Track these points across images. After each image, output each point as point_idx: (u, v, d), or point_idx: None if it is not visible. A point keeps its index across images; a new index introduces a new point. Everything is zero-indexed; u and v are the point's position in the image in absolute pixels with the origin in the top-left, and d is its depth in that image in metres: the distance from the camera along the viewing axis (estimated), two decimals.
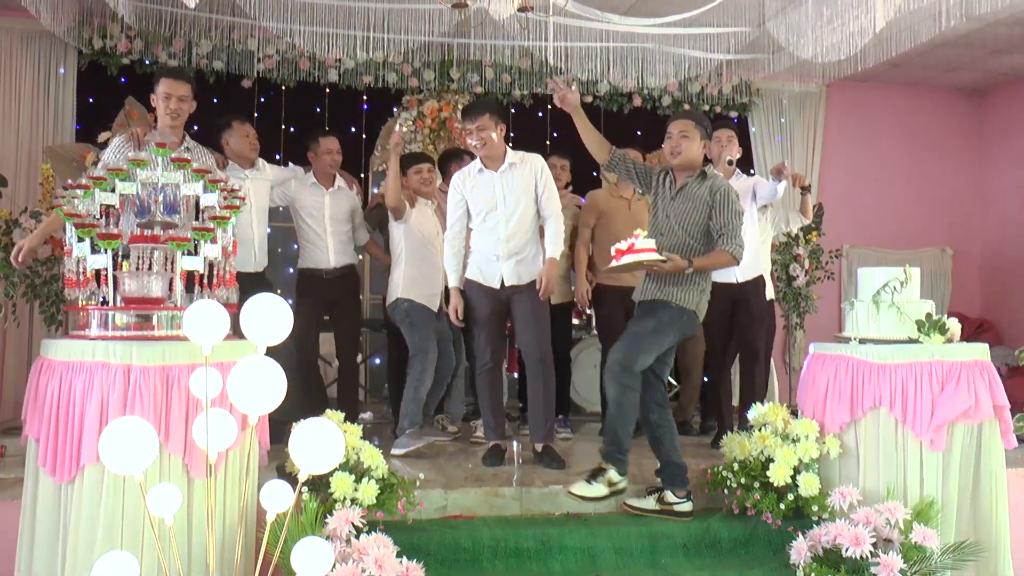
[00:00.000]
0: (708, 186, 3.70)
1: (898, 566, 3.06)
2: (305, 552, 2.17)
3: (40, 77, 6.29)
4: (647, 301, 3.72)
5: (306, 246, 4.91)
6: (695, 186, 3.72)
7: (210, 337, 2.23)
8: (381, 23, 5.71)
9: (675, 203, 3.74)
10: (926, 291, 4.01)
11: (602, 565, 3.37)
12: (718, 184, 3.72)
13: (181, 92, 4.00)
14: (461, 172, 4.40)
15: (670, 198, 3.77)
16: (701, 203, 3.68)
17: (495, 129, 4.21)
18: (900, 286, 3.63)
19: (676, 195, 3.74)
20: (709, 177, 3.75)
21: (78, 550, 2.63)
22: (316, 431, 2.19)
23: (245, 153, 4.65)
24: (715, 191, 3.68)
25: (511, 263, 4.24)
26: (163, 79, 4.02)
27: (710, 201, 3.67)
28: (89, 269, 2.95)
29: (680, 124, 3.77)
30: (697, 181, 3.73)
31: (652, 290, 3.70)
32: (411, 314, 4.70)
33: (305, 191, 4.89)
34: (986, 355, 3.60)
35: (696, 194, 3.70)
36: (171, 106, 3.97)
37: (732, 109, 7.47)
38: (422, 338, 4.65)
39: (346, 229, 4.96)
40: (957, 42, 6.83)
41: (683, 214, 3.70)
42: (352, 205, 5.03)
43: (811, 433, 3.60)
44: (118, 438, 2.10)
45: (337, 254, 4.89)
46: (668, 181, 3.83)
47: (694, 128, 3.74)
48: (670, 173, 3.83)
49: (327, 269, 4.87)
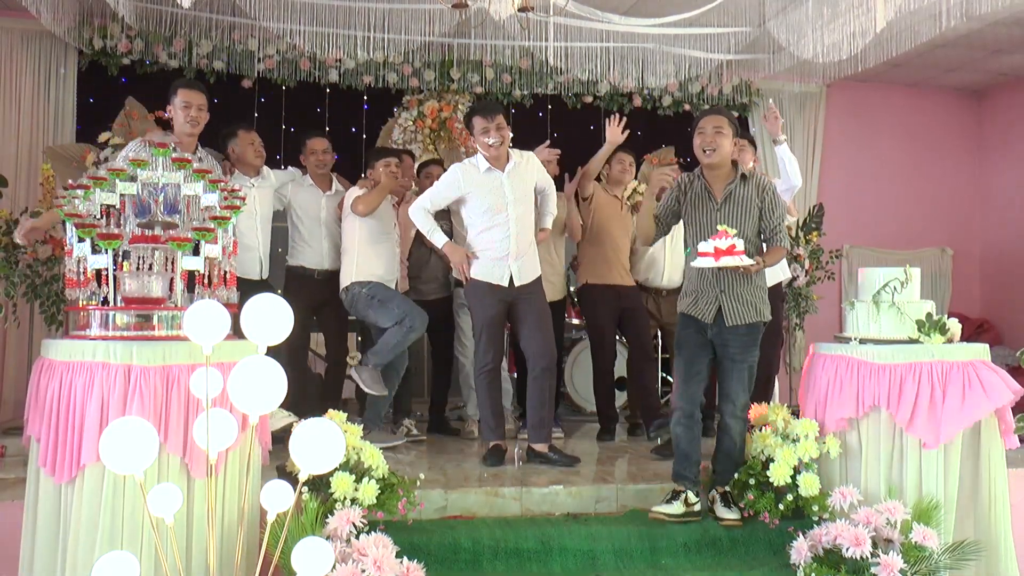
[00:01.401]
0: (755, 187, 3.65)
1: (898, 566, 3.06)
2: (305, 552, 2.17)
3: (40, 77, 6.29)
4: (746, 326, 3.63)
5: (299, 246, 4.90)
6: (741, 190, 3.65)
7: (211, 337, 2.23)
8: (381, 23, 5.71)
9: (724, 210, 3.64)
10: (926, 291, 4.02)
11: (602, 565, 3.37)
12: (764, 183, 3.68)
13: (200, 101, 4.14)
14: (464, 166, 4.34)
15: (715, 207, 3.65)
16: (751, 205, 3.64)
17: (507, 128, 4.28)
18: (900, 286, 3.64)
19: (723, 203, 3.64)
20: (750, 176, 3.69)
21: (79, 550, 2.63)
22: (316, 431, 2.19)
23: (250, 161, 4.69)
24: (763, 191, 3.65)
25: (519, 262, 4.26)
26: (181, 89, 4.15)
27: (760, 202, 3.63)
28: (90, 269, 2.95)
29: (714, 120, 3.68)
30: (741, 184, 3.66)
31: (746, 312, 3.61)
32: (376, 292, 4.59)
33: (302, 193, 4.89)
34: (986, 355, 3.60)
35: (746, 197, 3.64)
36: (192, 114, 4.11)
37: (732, 109, 7.47)
38: (401, 303, 4.59)
39: (339, 231, 4.93)
40: (957, 42, 6.83)
41: (735, 220, 3.61)
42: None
43: (811, 433, 3.60)
44: (118, 438, 2.10)
45: (331, 257, 4.88)
46: (701, 187, 3.71)
47: (728, 125, 3.67)
48: (701, 179, 3.72)
49: (319, 270, 4.86)
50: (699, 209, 3.70)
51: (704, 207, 3.69)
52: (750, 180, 3.66)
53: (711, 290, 3.64)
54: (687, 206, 3.76)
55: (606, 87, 7.04)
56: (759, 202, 3.64)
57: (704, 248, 3.45)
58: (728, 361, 3.64)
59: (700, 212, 3.70)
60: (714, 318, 3.63)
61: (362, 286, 4.60)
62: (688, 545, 3.48)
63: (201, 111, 4.14)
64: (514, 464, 4.27)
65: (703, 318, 3.63)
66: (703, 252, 3.45)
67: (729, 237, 3.39)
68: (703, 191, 3.70)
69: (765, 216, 3.65)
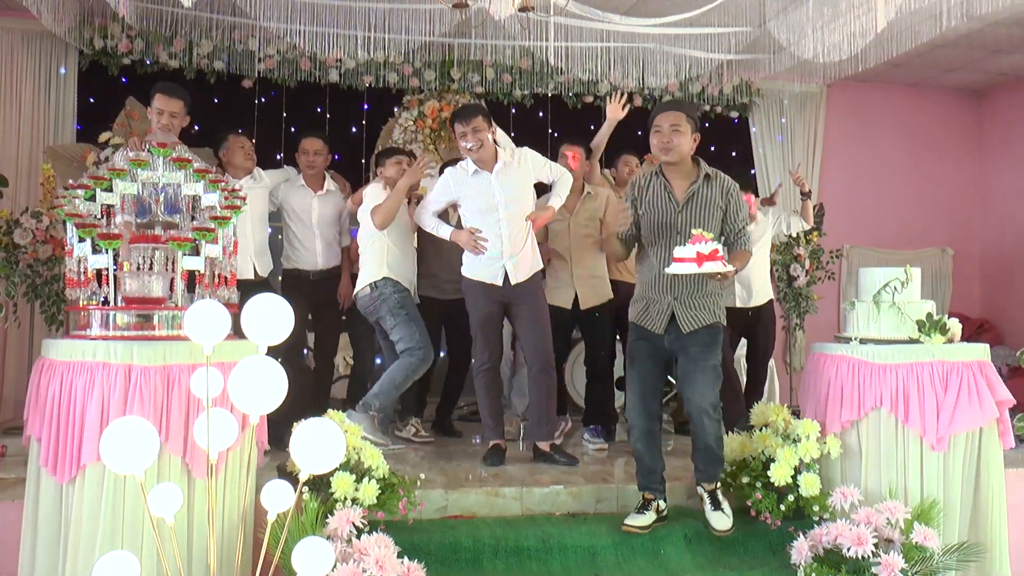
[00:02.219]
0: (719, 188, 3.46)
1: (899, 566, 3.06)
2: (306, 552, 2.17)
3: (41, 77, 6.29)
4: (704, 328, 3.43)
5: (293, 247, 4.88)
6: (705, 190, 3.45)
7: (211, 337, 2.23)
8: (382, 23, 5.71)
9: (686, 213, 3.43)
10: (926, 291, 4.02)
11: (602, 565, 3.37)
12: (728, 184, 3.49)
13: (173, 108, 4.12)
14: (453, 170, 4.40)
15: (675, 208, 3.44)
16: (715, 207, 3.44)
17: (487, 130, 4.23)
18: (901, 286, 3.64)
19: (686, 204, 3.44)
20: (713, 176, 3.49)
21: (79, 549, 2.63)
22: (317, 431, 2.19)
23: (240, 163, 4.66)
24: (728, 193, 3.46)
25: (513, 262, 4.25)
26: (157, 94, 4.13)
27: (723, 204, 3.45)
28: (90, 269, 2.95)
29: (671, 116, 3.45)
30: (704, 184, 3.46)
31: (700, 316, 3.43)
32: (406, 305, 4.52)
33: (294, 193, 4.86)
34: (987, 355, 3.60)
35: (709, 198, 3.44)
36: (162, 121, 4.11)
37: (733, 109, 7.48)
38: (423, 334, 4.50)
39: (334, 232, 4.94)
40: (957, 42, 6.83)
41: (698, 223, 3.39)
42: (341, 208, 4.98)
43: (812, 433, 3.60)
44: (119, 438, 2.10)
45: (324, 257, 4.87)
46: (661, 187, 3.49)
47: (685, 121, 3.44)
48: (660, 177, 3.51)
49: (313, 271, 4.85)
50: (658, 210, 3.48)
51: (664, 208, 3.47)
52: (714, 180, 3.47)
53: (663, 296, 3.46)
54: (644, 207, 3.52)
55: (606, 87, 7.03)
56: (723, 204, 3.45)
57: (683, 253, 3.21)
58: (690, 363, 3.42)
59: (659, 214, 3.47)
60: (666, 327, 3.44)
61: (395, 289, 4.53)
62: (688, 545, 3.48)
63: (174, 118, 4.13)
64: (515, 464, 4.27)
65: (655, 328, 3.45)
66: (682, 258, 3.21)
67: (708, 241, 3.17)
68: (663, 191, 3.48)
69: (729, 219, 3.45)
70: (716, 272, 3.19)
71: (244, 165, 4.68)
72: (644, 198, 3.53)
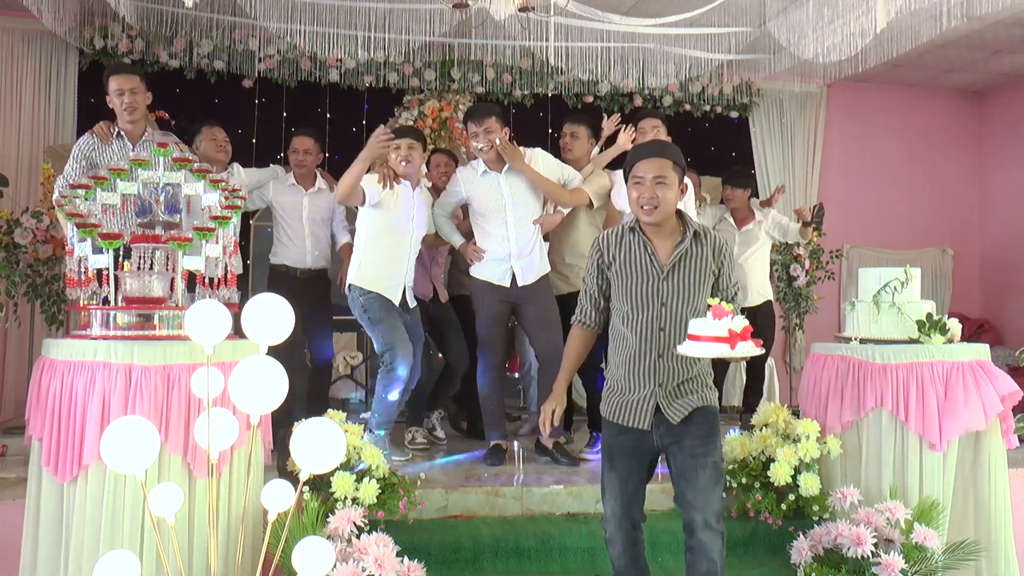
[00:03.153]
0: (711, 248, 2.77)
1: (899, 566, 3.07)
2: (306, 551, 2.17)
3: (41, 77, 6.30)
4: (698, 412, 2.74)
5: (282, 244, 4.84)
6: (694, 252, 2.75)
7: (212, 337, 2.23)
8: (382, 23, 5.71)
9: (673, 280, 2.73)
10: (926, 291, 4.02)
11: (602, 565, 3.37)
12: (720, 243, 2.82)
13: (131, 85, 4.02)
14: (463, 170, 4.43)
15: (659, 274, 2.72)
16: (706, 272, 2.76)
17: (500, 132, 4.21)
18: (901, 286, 3.64)
19: (672, 270, 2.73)
20: (702, 234, 2.79)
21: (81, 549, 2.64)
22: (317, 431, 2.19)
23: (212, 156, 4.55)
24: (719, 251, 2.79)
25: (520, 263, 4.26)
26: (112, 76, 4.05)
27: (716, 267, 2.78)
28: (91, 269, 2.95)
29: (654, 165, 2.72)
30: (694, 245, 2.76)
31: (690, 402, 2.74)
32: (368, 309, 4.19)
33: (284, 191, 4.83)
34: (987, 355, 3.60)
35: (699, 262, 2.76)
36: (125, 100, 4.01)
37: (733, 109, 7.47)
38: (386, 332, 4.17)
39: (324, 231, 4.91)
40: (957, 42, 6.83)
41: (687, 290, 2.73)
42: (331, 207, 4.93)
43: (812, 433, 3.61)
44: (120, 437, 2.10)
45: (313, 256, 4.83)
46: (640, 248, 2.76)
47: (672, 169, 2.73)
48: (638, 234, 2.78)
49: (301, 269, 4.81)
50: (637, 277, 2.75)
51: (645, 274, 2.74)
52: (704, 238, 2.77)
53: (644, 384, 2.74)
54: (618, 271, 2.78)
55: (607, 87, 7.04)
56: (715, 267, 2.77)
57: (708, 330, 2.47)
58: (687, 459, 2.72)
59: (639, 281, 2.74)
60: (650, 421, 2.72)
61: (360, 293, 4.22)
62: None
63: (136, 94, 4.00)
64: (515, 463, 4.28)
65: (639, 424, 2.74)
66: (706, 336, 2.48)
67: (734, 315, 2.48)
68: (643, 253, 2.76)
69: (722, 285, 2.79)
70: (746, 356, 2.50)
71: (215, 157, 4.56)
72: (618, 261, 2.79)
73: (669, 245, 2.77)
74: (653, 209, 2.71)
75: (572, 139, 4.63)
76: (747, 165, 7.42)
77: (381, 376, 4.23)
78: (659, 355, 2.72)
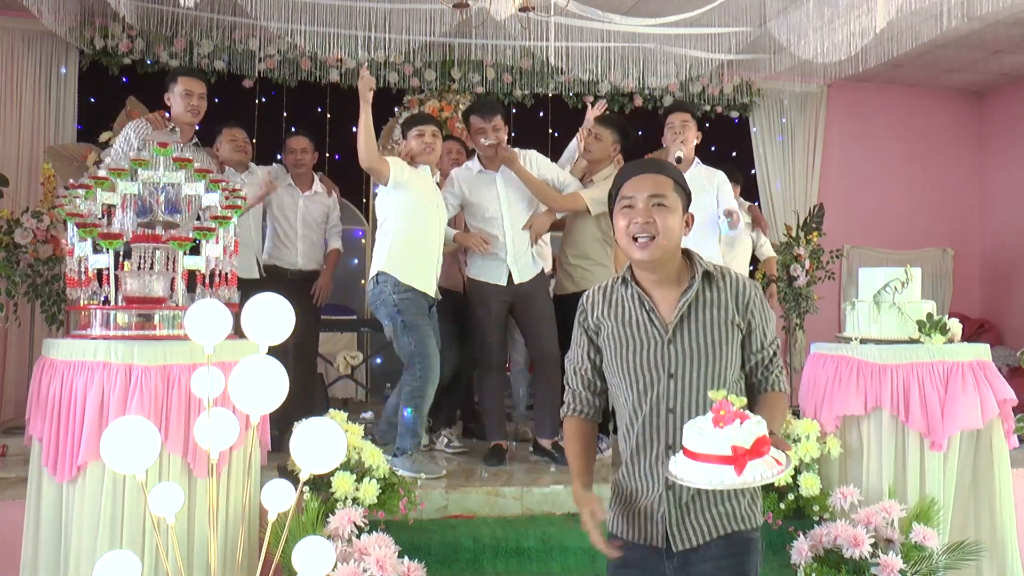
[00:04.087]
0: (731, 293, 2.02)
1: (898, 566, 3.07)
2: (306, 551, 2.17)
3: (41, 77, 6.30)
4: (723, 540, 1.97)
5: (275, 243, 4.83)
6: (708, 298, 2.02)
7: (212, 337, 2.23)
8: (382, 23, 5.72)
9: (680, 342, 1.99)
10: (927, 291, 4.02)
11: (602, 566, 3.34)
12: (742, 286, 2.04)
13: (201, 90, 4.15)
14: (459, 170, 4.42)
15: (662, 337, 2.00)
16: (727, 324, 2.00)
17: (504, 130, 4.23)
18: (901, 286, 3.64)
19: (678, 328, 2.00)
20: (716, 275, 2.04)
21: (81, 549, 2.64)
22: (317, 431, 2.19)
23: (232, 157, 4.63)
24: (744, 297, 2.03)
25: (518, 261, 4.26)
26: (181, 77, 4.14)
27: (741, 318, 2.02)
28: (91, 269, 2.95)
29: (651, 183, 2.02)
30: (706, 290, 2.02)
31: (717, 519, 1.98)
32: (404, 311, 3.87)
33: (281, 191, 4.82)
34: (987, 355, 3.60)
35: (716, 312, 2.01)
36: (193, 103, 4.12)
37: (733, 109, 7.48)
38: (420, 341, 3.89)
39: (318, 234, 4.90)
40: (957, 42, 6.83)
41: (702, 354, 1.99)
42: (327, 211, 4.95)
43: (812, 433, 3.60)
44: (119, 437, 2.10)
45: (305, 257, 4.82)
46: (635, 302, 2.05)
47: (673, 190, 2.03)
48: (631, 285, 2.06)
49: (292, 269, 4.79)
50: (634, 342, 2.03)
51: (644, 337, 2.02)
52: (719, 281, 2.03)
53: (652, 485, 2.01)
54: (609, 336, 2.07)
55: (607, 87, 7.04)
56: (741, 319, 2.02)
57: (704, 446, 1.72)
58: None
59: (637, 348, 2.02)
60: (663, 536, 1.99)
61: (395, 288, 3.89)
62: None
63: (202, 100, 4.15)
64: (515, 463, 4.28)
65: (645, 539, 2.03)
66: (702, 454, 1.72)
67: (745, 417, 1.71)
68: (638, 309, 2.04)
69: (754, 344, 2.05)
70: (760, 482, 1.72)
71: (234, 157, 4.63)
72: (607, 323, 2.08)
73: (673, 295, 2.03)
74: (649, 241, 1.97)
75: (595, 140, 4.48)
76: (747, 165, 7.43)
77: (409, 392, 3.91)
78: (668, 446, 1.96)
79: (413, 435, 3.93)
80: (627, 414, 2.06)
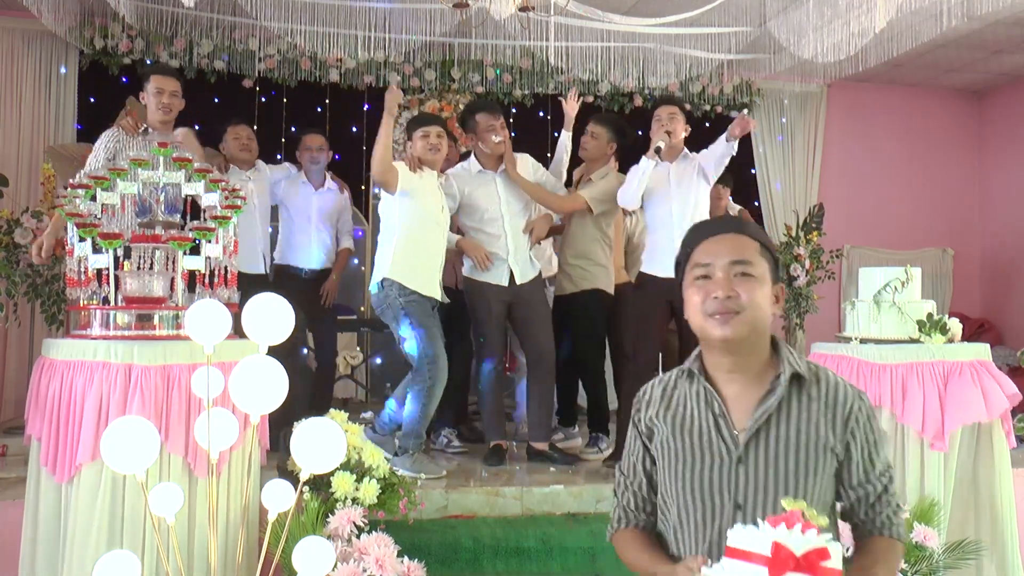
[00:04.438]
0: (828, 404, 1.64)
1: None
2: (306, 551, 2.17)
3: (41, 77, 6.30)
4: None
5: (289, 243, 4.85)
6: (796, 410, 1.63)
7: (212, 337, 2.23)
8: (382, 23, 5.72)
9: (752, 462, 1.61)
10: (927, 291, 4.02)
11: (602, 565, 3.37)
12: (845, 395, 1.66)
13: (172, 87, 4.05)
14: (456, 171, 4.40)
15: (731, 452, 1.62)
16: (818, 446, 1.62)
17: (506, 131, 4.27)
18: (901, 286, 3.64)
19: (751, 446, 1.62)
20: (810, 378, 1.66)
21: (80, 549, 2.63)
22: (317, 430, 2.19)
23: (237, 155, 4.65)
24: (847, 413, 1.64)
25: (518, 261, 4.26)
26: (153, 76, 4.08)
27: (839, 440, 1.63)
28: (90, 268, 2.95)
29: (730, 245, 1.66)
30: (795, 397, 1.64)
31: None
32: (411, 313, 3.90)
33: (294, 190, 4.85)
34: (987, 355, 3.60)
35: (804, 428, 1.62)
36: (163, 101, 4.02)
37: (733, 109, 7.47)
38: (428, 343, 3.89)
39: (331, 232, 4.92)
40: (958, 42, 6.83)
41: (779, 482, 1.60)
42: (339, 208, 4.97)
43: None
44: (119, 437, 2.10)
45: (319, 256, 4.84)
46: (700, 401, 1.68)
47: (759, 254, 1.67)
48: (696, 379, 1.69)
49: (306, 269, 4.81)
50: (695, 454, 1.66)
51: (707, 450, 1.65)
52: (813, 386, 1.65)
53: None
54: (663, 444, 1.71)
55: (607, 87, 7.04)
56: (837, 440, 1.63)
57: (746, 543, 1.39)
58: None
59: (696, 463, 1.65)
60: None
61: (400, 292, 3.92)
62: None
63: (174, 97, 4.05)
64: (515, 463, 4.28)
65: None
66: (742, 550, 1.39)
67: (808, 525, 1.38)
68: (704, 412, 1.67)
69: (853, 471, 1.66)
70: None
71: (239, 156, 4.65)
72: (663, 427, 1.72)
73: (752, 398, 1.64)
74: (732, 317, 1.60)
75: (591, 138, 4.50)
76: (747, 165, 7.43)
77: (416, 391, 3.90)
78: None
79: (415, 435, 3.95)
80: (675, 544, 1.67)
